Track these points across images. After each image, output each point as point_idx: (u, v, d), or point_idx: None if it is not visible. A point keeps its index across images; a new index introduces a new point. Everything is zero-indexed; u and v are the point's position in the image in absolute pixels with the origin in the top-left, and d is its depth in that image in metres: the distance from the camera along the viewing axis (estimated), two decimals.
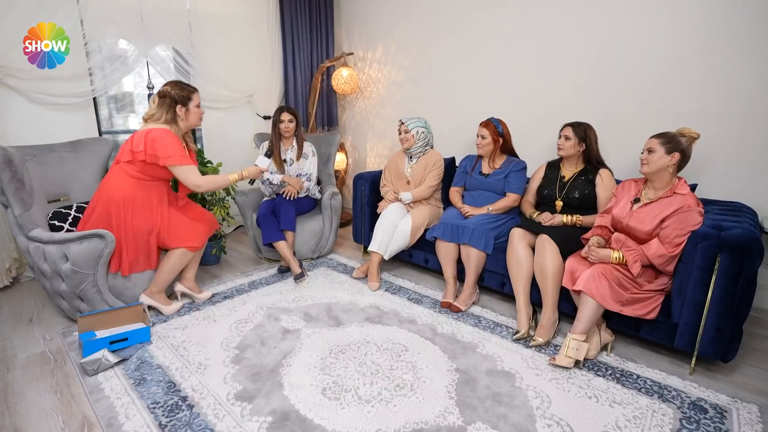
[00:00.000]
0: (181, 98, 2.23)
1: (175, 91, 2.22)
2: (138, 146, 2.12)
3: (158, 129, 2.16)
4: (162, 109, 2.20)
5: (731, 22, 2.27)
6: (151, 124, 2.19)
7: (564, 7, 2.83)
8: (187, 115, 2.27)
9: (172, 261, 2.35)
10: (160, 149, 2.12)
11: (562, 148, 2.40)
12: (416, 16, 3.71)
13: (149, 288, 2.37)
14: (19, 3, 2.55)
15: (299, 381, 1.83)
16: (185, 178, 2.23)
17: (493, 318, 2.41)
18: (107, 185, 2.22)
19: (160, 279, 2.36)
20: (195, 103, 2.28)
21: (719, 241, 1.73)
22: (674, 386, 1.83)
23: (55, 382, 1.85)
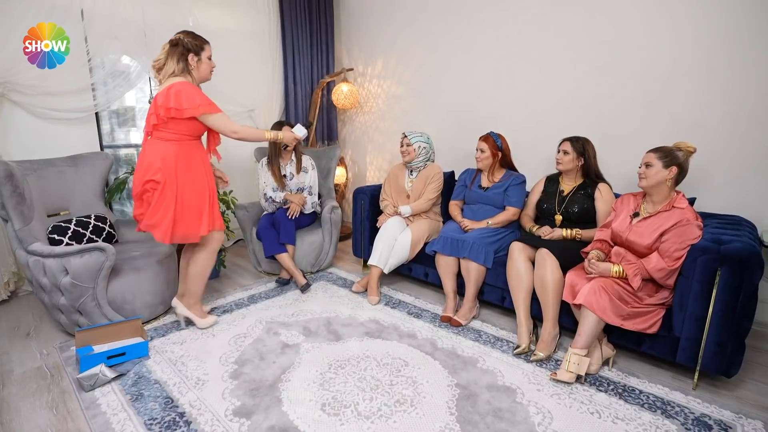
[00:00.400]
0: (194, 47, 2.11)
1: (188, 39, 2.09)
2: (167, 102, 1.99)
3: (179, 82, 2.04)
4: (173, 59, 2.07)
5: (732, 37, 2.30)
6: (169, 80, 2.07)
7: (564, 22, 2.88)
8: (199, 65, 2.14)
9: (200, 265, 2.29)
10: (186, 100, 2.00)
11: (561, 163, 2.41)
12: (415, 31, 3.77)
13: (185, 299, 2.32)
14: (24, 21, 2.59)
15: (298, 396, 1.81)
16: (221, 125, 2.12)
17: (494, 332, 2.39)
18: (145, 159, 2.08)
19: (193, 288, 2.31)
20: (207, 54, 2.16)
21: (719, 254, 1.73)
22: (677, 402, 1.81)
23: (51, 398, 1.83)
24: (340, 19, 4.45)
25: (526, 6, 3.04)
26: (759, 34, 2.23)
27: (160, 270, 2.46)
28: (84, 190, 2.69)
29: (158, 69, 2.11)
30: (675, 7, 2.44)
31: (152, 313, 2.47)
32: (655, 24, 2.52)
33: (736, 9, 2.26)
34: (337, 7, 4.45)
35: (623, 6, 2.62)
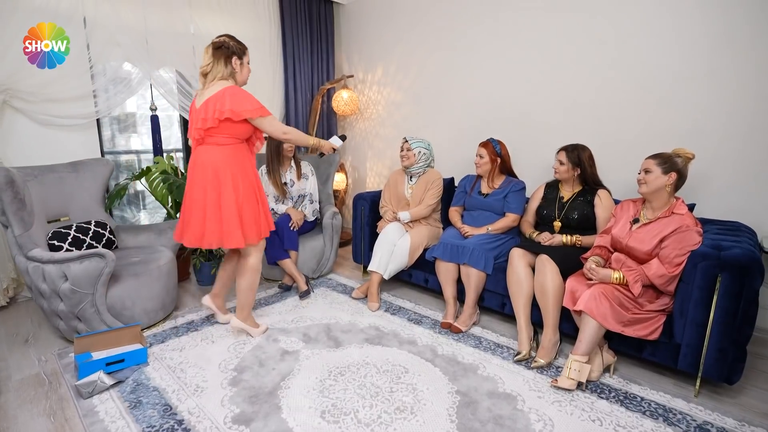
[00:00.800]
0: (239, 50, 2.10)
1: (233, 42, 2.09)
2: (223, 105, 1.97)
3: (231, 86, 2.04)
4: (219, 62, 2.05)
5: (732, 43, 2.31)
6: (217, 84, 2.05)
7: (563, 28, 2.90)
8: (242, 69, 2.14)
9: (247, 277, 2.25)
10: (245, 103, 2.00)
11: (558, 172, 2.43)
12: (414, 38, 3.80)
13: (238, 312, 2.30)
14: (26, 28, 2.60)
15: (298, 403, 1.80)
16: (273, 127, 2.12)
17: (494, 339, 2.38)
18: (207, 166, 2.04)
19: (245, 301, 2.29)
20: (248, 58, 2.17)
21: (719, 261, 1.73)
22: (679, 409, 1.79)
23: (49, 405, 1.82)
24: (341, 26, 4.49)
25: (525, 12, 3.06)
26: (759, 40, 2.24)
27: (159, 276, 2.46)
28: (84, 196, 2.69)
29: (205, 74, 2.08)
30: (676, 12, 2.45)
31: (151, 320, 2.46)
32: (656, 30, 2.53)
33: (737, 15, 2.28)
34: (338, 15, 4.48)
35: (624, 13, 2.63)
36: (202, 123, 2.02)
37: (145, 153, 3.69)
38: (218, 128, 2.02)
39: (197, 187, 2.08)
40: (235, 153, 2.09)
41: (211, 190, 2.05)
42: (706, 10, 2.36)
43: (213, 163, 2.05)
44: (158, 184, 3.06)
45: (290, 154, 3.12)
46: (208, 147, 2.07)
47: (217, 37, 2.09)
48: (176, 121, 3.82)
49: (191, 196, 2.11)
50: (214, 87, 2.04)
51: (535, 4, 3.00)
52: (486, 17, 3.29)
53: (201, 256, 3.07)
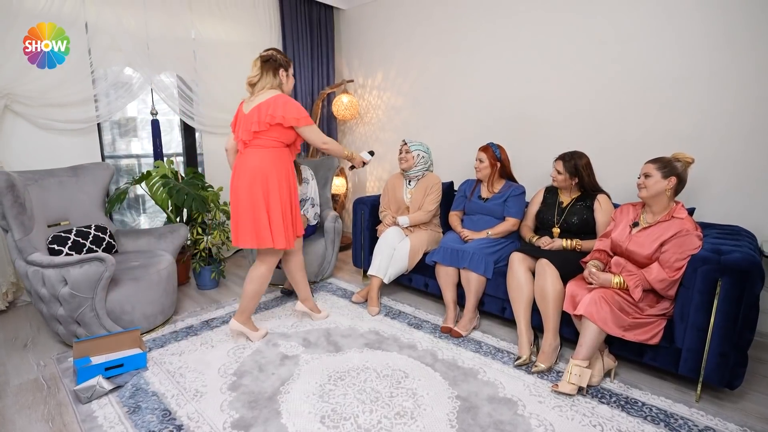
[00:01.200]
0: (285, 63, 2.24)
1: (280, 56, 2.23)
2: (276, 111, 2.11)
3: (281, 94, 2.18)
4: (268, 73, 2.19)
5: (733, 48, 2.32)
6: (267, 92, 2.18)
7: (564, 30, 2.92)
8: (287, 80, 2.27)
9: (256, 283, 2.31)
10: (295, 111, 2.15)
11: (555, 181, 2.45)
12: (414, 43, 3.82)
13: (238, 315, 2.33)
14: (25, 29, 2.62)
15: (297, 408, 1.79)
16: (316, 136, 2.25)
17: (494, 343, 2.38)
18: (257, 168, 2.15)
19: (246, 305, 2.33)
20: (292, 71, 2.31)
21: (719, 265, 1.73)
22: (681, 414, 1.79)
23: (47, 410, 1.81)
24: (341, 31, 4.51)
25: (523, 16, 3.08)
26: (759, 43, 2.25)
27: (159, 280, 2.46)
28: (85, 200, 2.69)
29: (252, 84, 2.21)
30: (676, 14, 2.47)
31: (151, 324, 2.46)
32: (656, 33, 2.55)
33: (737, 17, 2.29)
34: (338, 20, 4.51)
35: (624, 15, 2.65)
36: (257, 126, 2.13)
37: (146, 157, 3.70)
38: (266, 132, 2.15)
39: (245, 189, 2.16)
40: (280, 156, 2.21)
41: (259, 192, 2.15)
42: (706, 11, 2.37)
43: (261, 166, 2.15)
44: (158, 189, 3.07)
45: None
46: (255, 150, 2.18)
47: (264, 51, 2.24)
48: (177, 126, 3.83)
49: (240, 198, 2.17)
50: (264, 95, 2.17)
51: (534, 7, 3.02)
52: (485, 22, 3.31)
53: (201, 260, 3.07)
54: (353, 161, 2.58)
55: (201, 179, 3.19)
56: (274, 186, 2.17)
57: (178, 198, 2.89)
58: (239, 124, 2.23)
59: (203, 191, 3.08)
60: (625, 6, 2.63)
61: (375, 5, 4.11)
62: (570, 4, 2.85)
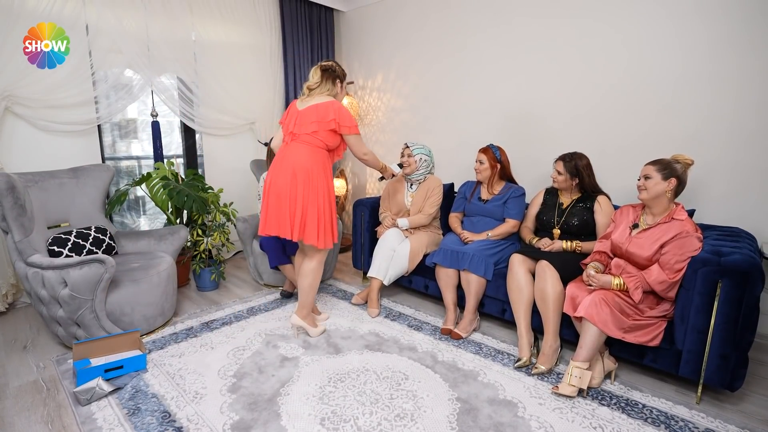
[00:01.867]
0: (342, 75, 2.38)
1: (339, 68, 2.36)
2: (328, 115, 2.21)
3: (336, 101, 2.29)
4: (327, 82, 2.30)
5: (735, 53, 2.32)
6: (324, 96, 2.28)
7: (563, 35, 2.93)
8: (342, 91, 2.40)
9: (310, 278, 2.37)
10: (347, 118, 2.25)
11: (556, 181, 2.45)
12: (415, 45, 3.82)
13: (299, 310, 2.40)
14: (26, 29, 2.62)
15: (297, 411, 1.79)
16: (359, 146, 2.35)
17: (494, 345, 2.37)
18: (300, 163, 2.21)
19: (305, 300, 2.39)
20: (346, 84, 2.47)
21: (719, 266, 1.73)
22: (681, 416, 1.78)
23: (47, 412, 1.81)
24: (341, 33, 4.52)
25: (525, 19, 3.09)
26: (760, 46, 2.25)
27: (159, 282, 2.45)
28: (85, 201, 2.69)
29: (311, 89, 2.31)
30: (677, 19, 2.47)
31: (151, 326, 2.46)
32: (657, 37, 2.55)
33: (739, 23, 2.29)
34: (338, 22, 4.52)
35: (624, 20, 2.65)
36: (317, 125, 2.22)
37: (146, 159, 3.70)
38: (318, 133, 2.23)
39: (287, 180, 2.20)
40: (323, 158, 2.28)
41: (300, 186, 2.19)
42: (707, 15, 2.37)
43: (306, 162, 2.21)
44: (158, 190, 3.07)
45: None
46: (301, 146, 2.25)
47: (324, 61, 2.38)
48: (177, 127, 3.83)
49: (278, 188, 2.21)
50: (320, 98, 2.28)
51: (535, 11, 3.03)
52: (486, 24, 3.31)
53: (201, 261, 3.07)
54: (384, 173, 2.72)
55: (201, 181, 3.20)
56: (315, 184, 2.22)
57: (178, 199, 2.89)
58: (291, 118, 2.31)
59: (203, 193, 3.09)
60: (626, 10, 2.63)
61: (375, 7, 4.12)
62: (571, 8, 2.85)
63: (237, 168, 3.94)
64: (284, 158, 2.26)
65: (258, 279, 3.27)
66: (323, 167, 2.27)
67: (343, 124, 2.24)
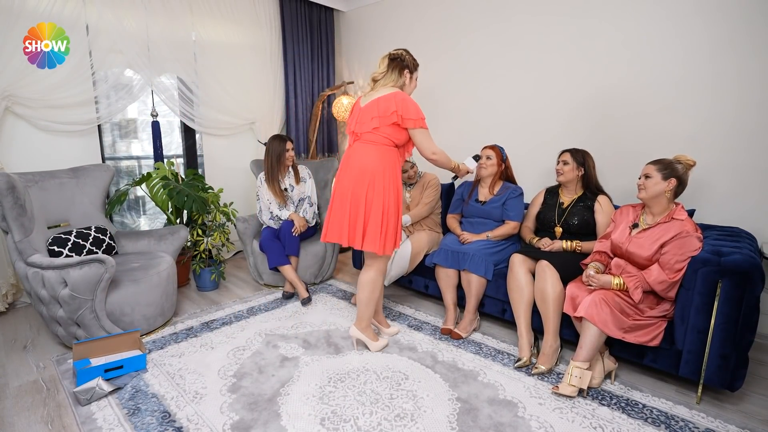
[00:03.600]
0: (412, 65, 2.17)
1: (409, 57, 2.17)
2: (389, 107, 2.02)
3: (401, 92, 2.09)
4: (393, 72, 2.12)
5: (736, 53, 2.31)
6: (387, 89, 2.09)
7: (561, 35, 2.92)
8: (411, 83, 2.19)
9: (368, 289, 2.20)
10: (413, 111, 2.04)
11: (561, 173, 2.43)
12: (414, 44, 3.81)
13: (359, 323, 2.24)
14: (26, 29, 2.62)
15: (297, 411, 1.79)
16: (428, 144, 2.10)
17: (495, 345, 2.37)
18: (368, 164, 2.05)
19: (364, 312, 2.22)
20: (417, 75, 2.24)
21: (720, 266, 1.73)
22: (682, 416, 1.78)
23: (47, 412, 1.81)
24: (341, 33, 4.52)
25: (524, 18, 3.08)
26: (761, 48, 2.24)
27: (159, 282, 2.45)
28: (85, 201, 2.69)
29: (375, 80, 2.15)
30: (677, 19, 2.46)
31: (151, 326, 2.46)
32: (657, 37, 2.54)
33: (739, 23, 2.28)
34: (338, 22, 4.52)
35: (622, 19, 2.65)
36: (378, 121, 2.04)
37: (146, 159, 3.70)
38: (379, 129, 2.06)
39: (350, 184, 2.08)
40: (390, 156, 2.10)
41: (362, 190, 2.05)
42: (708, 17, 2.36)
43: (370, 164, 2.06)
44: (158, 190, 3.07)
45: (290, 163, 3.12)
46: (365, 146, 2.10)
47: (394, 50, 2.17)
48: (177, 127, 3.83)
49: (342, 192, 2.10)
50: (383, 90, 2.09)
51: (535, 10, 3.02)
52: (485, 24, 3.31)
53: (201, 261, 3.07)
54: (458, 172, 2.44)
55: (201, 181, 3.20)
56: (379, 187, 2.05)
57: (178, 199, 2.89)
58: (353, 116, 2.17)
59: (203, 193, 3.08)
60: (627, 10, 2.62)
61: (375, 7, 4.12)
62: (573, 8, 2.85)
63: (237, 168, 3.94)
64: (349, 160, 2.13)
65: (258, 279, 3.27)
66: (392, 166, 2.09)
67: (406, 117, 2.03)
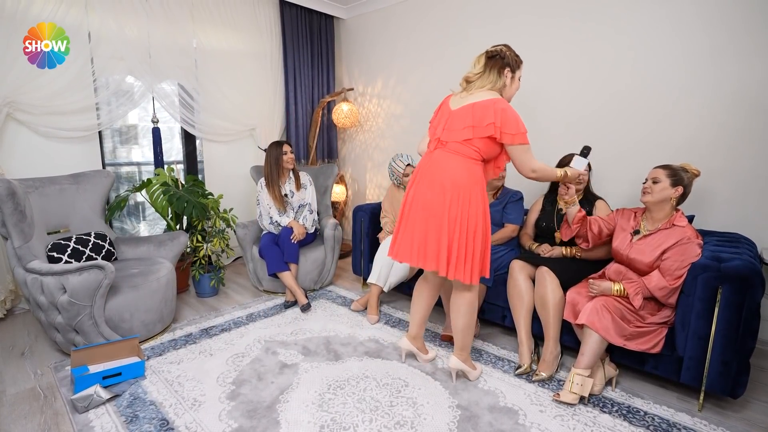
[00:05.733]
0: (514, 62, 1.87)
1: (510, 53, 1.87)
2: (486, 117, 1.74)
3: (502, 99, 1.80)
4: (492, 72, 1.84)
5: (737, 59, 2.32)
6: (485, 93, 1.82)
7: (562, 39, 2.93)
8: (512, 83, 1.89)
9: (466, 314, 1.93)
10: (513, 124, 1.75)
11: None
12: (414, 51, 3.84)
13: (459, 353, 2.00)
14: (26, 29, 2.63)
15: (296, 418, 1.78)
16: (526, 160, 1.81)
17: (495, 352, 2.36)
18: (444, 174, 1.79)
19: (464, 341, 1.98)
20: (520, 74, 1.92)
21: (719, 272, 1.73)
22: (684, 423, 1.77)
23: (44, 420, 1.79)
24: (341, 40, 4.55)
25: (524, 24, 3.10)
26: (762, 55, 2.25)
27: (158, 288, 2.45)
28: (85, 207, 2.69)
29: (469, 81, 1.89)
30: (679, 25, 2.47)
31: (150, 332, 2.44)
32: (658, 42, 2.55)
33: (739, 28, 2.29)
34: (338, 29, 4.55)
35: (624, 23, 2.66)
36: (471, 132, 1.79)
37: (146, 165, 3.71)
38: (472, 141, 1.80)
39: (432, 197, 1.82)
40: (477, 171, 1.83)
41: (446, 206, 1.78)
42: (710, 23, 2.37)
43: (460, 177, 1.78)
44: (158, 196, 3.07)
45: (290, 166, 3.13)
46: (450, 156, 1.83)
47: (493, 46, 1.89)
48: (177, 133, 3.84)
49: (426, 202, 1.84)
50: (480, 94, 1.82)
51: (535, 15, 3.04)
52: (485, 31, 3.33)
53: (200, 267, 3.07)
54: (569, 180, 2.04)
55: (201, 187, 3.20)
56: (469, 206, 1.78)
57: (178, 205, 2.89)
58: (440, 119, 1.90)
59: (203, 199, 3.09)
60: (628, 15, 2.63)
61: (374, 14, 4.15)
62: (574, 13, 2.86)
63: (237, 174, 3.94)
64: (430, 169, 1.84)
65: (258, 285, 3.26)
66: (480, 182, 1.82)
67: (505, 131, 1.75)
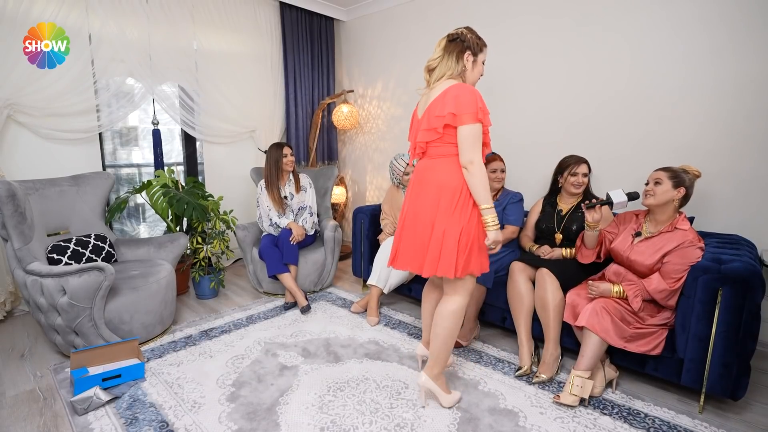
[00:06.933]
0: (476, 45, 1.77)
1: (471, 36, 1.76)
2: (444, 109, 1.65)
3: (455, 85, 1.68)
4: (450, 56, 1.74)
5: (737, 61, 2.32)
6: (443, 83, 1.73)
7: (561, 42, 2.94)
8: (474, 68, 1.79)
9: (448, 322, 1.77)
10: (466, 103, 1.63)
11: (582, 185, 2.37)
12: (414, 53, 3.85)
13: (430, 368, 1.82)
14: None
15: (296, 420, 1.77)
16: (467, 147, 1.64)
17: (495, 353, 2.36)
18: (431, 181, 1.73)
19: (439, 353, 1.79)
20: (484, 57, 1.82)
21: (720, 274, 1.73)
22: (684, 426, 1.77)
23: (43, 422, 1.79)
24: (341, 42, 4.55)
25: (523, 27, 3.11)
26: (762, 56, 2.25)
27: (158, 290, 2.44)
28: (85, 209, 2.69)
29: (431, 70, 1.80)
30: (679, 26, 2.47)
31: (149, 334, 2.44)
32: (658, 45, 2.56)
33: (739, 30, 2.29)
34: (338, 31, 4.56)
35: (624, 27, 2.66)
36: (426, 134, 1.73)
37: (146, 166, 3.71)
38: (443, 136, 1.71)
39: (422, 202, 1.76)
40: None
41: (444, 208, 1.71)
42: (711, 25, 2.38)
43: (449, 179, 1.71)
44: (159, 198, 3.07)
45: (290, 168, 3.13)
46: (432, 161, 1.77)
47: (455, 29, 1.79)
48: (178, 135, 3.85)
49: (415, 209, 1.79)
50: (438, 87, 1.73)
51: (535, 19, 3.05)
52: (485, 33, 3.31)
53: (200, 269, 3.06)
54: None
55: (201, 188, 3.20)
56: (460, 202, 1.70)
57: (178, 207, 2.89)
58: (413, 130, 1.85)
59: (203, 200, 3.09)
60: (631, 17, 2.64)
61: (375, 17, 4.16)
62: (574, 15, 2.87)
63: (237, 176, 3.94)
64: (418, 178, 1.80)
65: (257, 287, 3.26)
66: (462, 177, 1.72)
67: (459, 113, 1.63)
